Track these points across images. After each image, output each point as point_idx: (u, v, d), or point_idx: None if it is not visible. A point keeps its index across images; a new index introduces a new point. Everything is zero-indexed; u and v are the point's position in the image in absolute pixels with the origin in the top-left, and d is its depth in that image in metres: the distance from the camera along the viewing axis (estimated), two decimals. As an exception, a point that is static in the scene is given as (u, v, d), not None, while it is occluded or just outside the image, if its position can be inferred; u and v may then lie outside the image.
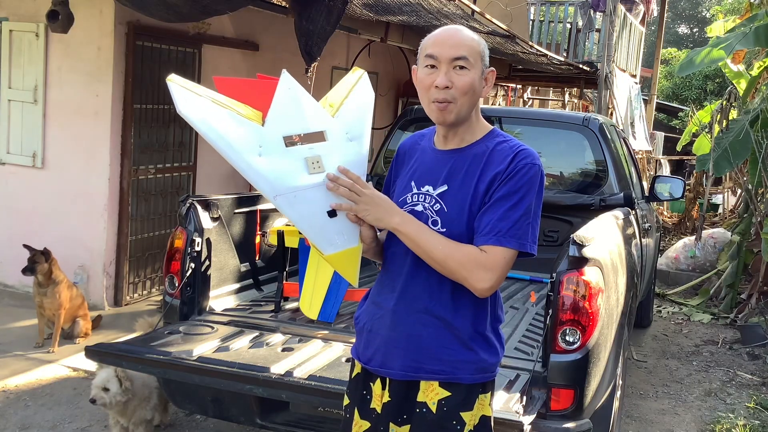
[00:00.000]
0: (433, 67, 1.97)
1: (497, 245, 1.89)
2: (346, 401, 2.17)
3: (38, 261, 4.97)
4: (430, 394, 1.98)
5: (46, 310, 4.99)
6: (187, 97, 1.87)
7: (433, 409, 1.97)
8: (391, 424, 2.02)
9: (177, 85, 1.87)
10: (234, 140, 1.88)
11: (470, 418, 1.98)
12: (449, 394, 1.97)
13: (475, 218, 1.94)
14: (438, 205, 1.99)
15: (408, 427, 2.01)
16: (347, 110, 2.08)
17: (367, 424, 2.07)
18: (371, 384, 2.07)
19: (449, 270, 1.91)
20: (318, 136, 1.99)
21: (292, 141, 1.95)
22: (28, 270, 4.96)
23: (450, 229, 1.96)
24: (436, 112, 1.98)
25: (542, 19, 12.29)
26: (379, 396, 2.05)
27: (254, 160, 1.90)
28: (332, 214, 1.97)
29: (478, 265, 1.89)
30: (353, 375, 2.15)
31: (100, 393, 3.51)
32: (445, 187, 1.99)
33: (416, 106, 5.53)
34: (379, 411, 2.05)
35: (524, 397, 2.81)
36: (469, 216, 1.95)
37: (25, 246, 5.05)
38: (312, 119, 1.99)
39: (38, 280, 4.99)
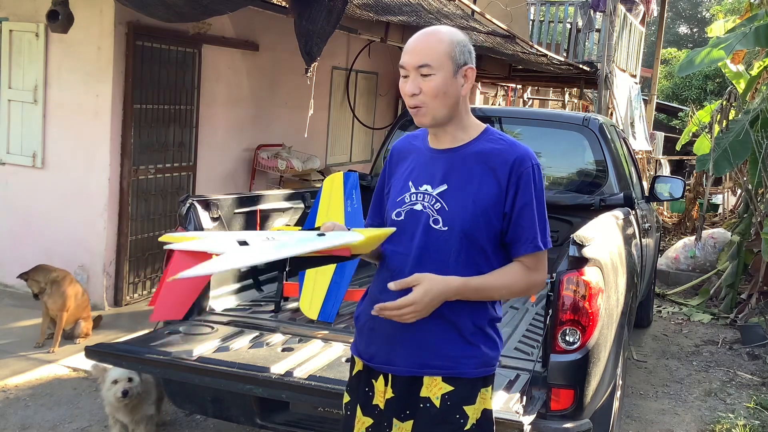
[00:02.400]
0: (405, 76, 2.04)
1: (538, 251, 2.02)
2: (346, 398, 2.19)
3: (27, 279, 5.04)
4: (434, 389, 2.00)
5: (50, 310, 5.00)
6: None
7: (437, 403, 2.00)
8: (394, 420, 2.05)
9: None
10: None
11: (473, 411, 2.00)
12: (452, 388, 2.00)
13: (488, 221, 2.00)
14: (438, 204, 2.02)
15: (411, 422, 2.04)
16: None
17: (369, 421, 2.09)
18: (373, 381, 2.09)
19: (516, 297, 2.14)
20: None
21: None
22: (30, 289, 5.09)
23: (451, 228, 1.99)
24: (414, 116, 2.06)
25: (542, 19, 12.28)
26: (382, 392, 2.07)
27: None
28: (321, 234, 2.00)
29: (532, 281, 2.05)
30: (354, 372, 2.17)
31: (128, 384, 3.53)
32: (444, 187, 2.02)
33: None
34: (382, 407, 2.07)
35: (524, 397, 2.81)
36: (473, 216, 1.99)
37: (19, 277, 5.11)
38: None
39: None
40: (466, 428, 1.99)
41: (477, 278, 2.00)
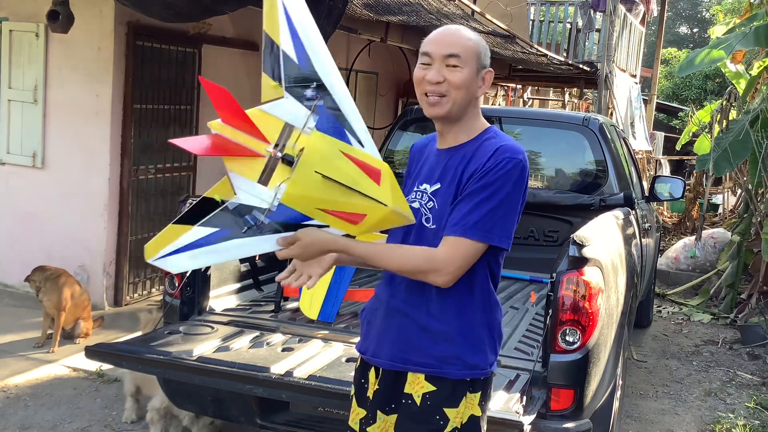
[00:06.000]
0: (428, 64, 2.01)
1: (461, 236, 1.91)
2: (352, 391, 2.21)
3: (30, 281, 5.10)
4: (416, 386, 2.01)
5: (46, 308, 5.00)
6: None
7: (418, 401, 2.00)
8: (378, 412, 2.07)
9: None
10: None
11: (455, 415, 1.99)
12: (434, 388, 1.99)
13: None
14: (431, 202, 2.03)
15: (395, 416, 2.05)
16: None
17: (363, 412, 2.12)
18: (368, 373, 2.12)
19: (408, 275, 1.96)
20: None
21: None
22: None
23: (439, 226, 2.00)
24: (428, 106, 2.03)
25: (542, 19, 12.28)
26: (373, 384, 2.10)
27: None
28: None
29: (432, 264, 1.92)
30: (357, 366, 2.21)
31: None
32: (438, 185, 2.04)
33: (416, 106, 5.53)
34: (371, 399, 2.09)
35: (524, 397, 2.81)
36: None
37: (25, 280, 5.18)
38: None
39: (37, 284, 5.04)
40: (446, 431, 1.98)
41: (366, 245, 1.95)
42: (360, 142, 1.89)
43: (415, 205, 2.05)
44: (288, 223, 1.88)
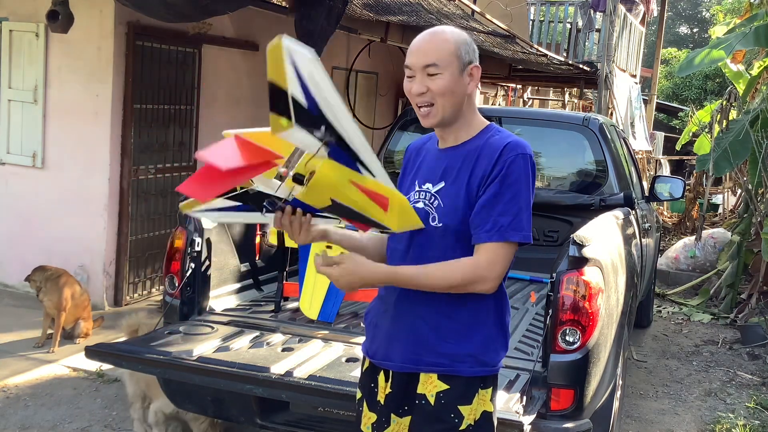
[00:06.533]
0: (411, 76, 2.04)
1: (501, 240, 1.94)
2: (358, 395, 2.21)
3: (30, 280, 5.09)
4: (429, 386, 2.01)
5: (47, 308, 5.00)
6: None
7: (432, 401, 2.00)
8: (392, 415, 2.07)
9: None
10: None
11: (469, 412, 2.00)
12: (448, 387, 2.00)
13: (472, 213, 1.97)
14: (436, 201, 2.03)
15: (409, 418, 2.06)
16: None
17: (374, 416, 2.11)
18: (377, 377, 2.11)
19: (456, 290, 1.97)
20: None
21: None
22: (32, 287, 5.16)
23: (446, 224, 2.00)
24: (421, 117, 2.06)
25: (542, 19, 12.30)
26: (383, 388, 2.09)
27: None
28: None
29: (477, 274, 1.94)
30: (363, 369, 2.20)
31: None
32: (442, 184, 2.05)
33: (416, 106, 5.52)
34: (383, 403, 2.09)
35: (524, 397, 2.81)
36: (463, 211, 1.99)
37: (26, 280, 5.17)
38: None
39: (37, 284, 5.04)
40: (461, 428, 1.99)
41: (410, 269, 1.96)
42: (371, 173, 1.89)
43: (420, 204, 2.05)
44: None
